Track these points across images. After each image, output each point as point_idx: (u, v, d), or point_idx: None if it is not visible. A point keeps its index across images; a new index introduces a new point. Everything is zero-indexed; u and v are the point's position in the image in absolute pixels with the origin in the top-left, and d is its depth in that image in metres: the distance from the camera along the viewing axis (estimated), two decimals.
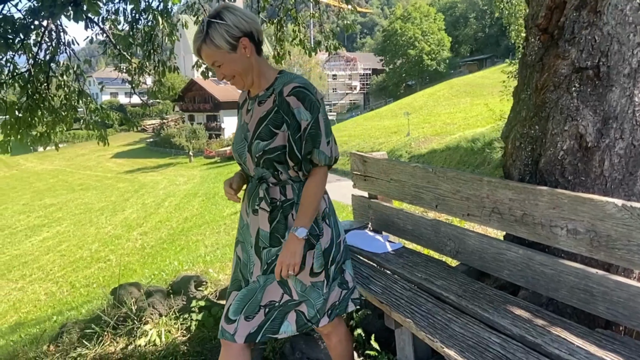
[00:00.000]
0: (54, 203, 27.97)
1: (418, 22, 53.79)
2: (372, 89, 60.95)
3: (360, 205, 2.88)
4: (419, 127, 24.49)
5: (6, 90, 5.28)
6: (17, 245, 19.68)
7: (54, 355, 2.78)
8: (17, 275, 15.78)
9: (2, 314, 12.46)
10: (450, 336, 1.66)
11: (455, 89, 37.53)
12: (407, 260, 2.27)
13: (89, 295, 11.45)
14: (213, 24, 1.61)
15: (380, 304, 1.93)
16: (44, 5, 4.57)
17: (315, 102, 1.64)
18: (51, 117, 5.48)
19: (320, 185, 1.69)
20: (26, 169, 42.28)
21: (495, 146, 15.84)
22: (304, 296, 1.72)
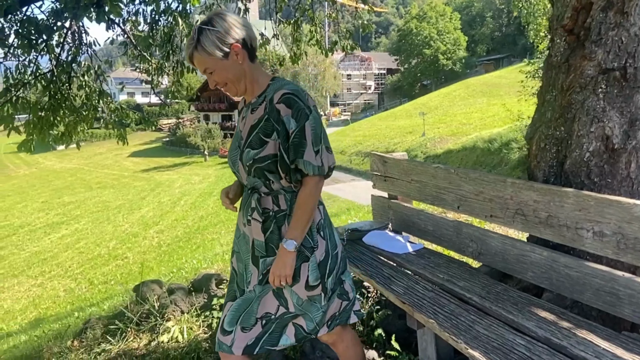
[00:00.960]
0: (72, 201, 28.42)
1: (434, 22, 53.45)
2: (387, 89, 60.74)
3: (380, 206, 2.89)
4: (435, 127, 24.34)
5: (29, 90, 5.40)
6: (37, 242, 20.04)
7: (78, 351, 2.84)
8: (36, 272, 16.08)
9: (22, 309, 12.71)
10: (474, 337, 1.66)
11: (472, 88, 37.20)
12: (429, 261, 2.27)
13: (107, 292, 11.62)
14: (204, 30, 1.59)
15: (402, 304, 1.94)
16: (67, 7, 4.66)
17: (303, 110, 1.60)
18: (72, 116, 5.57)
19: (311, 196, 1.63)
20: (45, 168, 43.00)
21: (512, 147, 15.68)
22: (301, 310, 1.69)
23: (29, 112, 5.25)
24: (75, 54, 5.46)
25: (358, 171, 23.65)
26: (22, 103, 5.08)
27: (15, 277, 15.72)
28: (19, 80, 5.12)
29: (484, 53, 60.01)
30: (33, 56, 5.15)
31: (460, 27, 54.92)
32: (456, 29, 54.26)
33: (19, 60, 5.10)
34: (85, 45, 5.57)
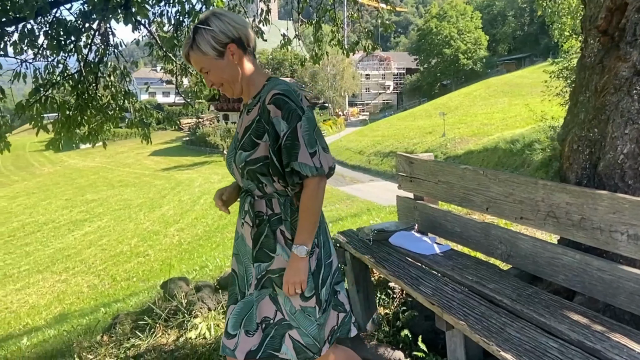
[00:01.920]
0: (95, 199, 28.95)
1: (454, 21, 52.96)
2: (406, 89, 60.41)
3: (406, 207, 2.89)
4: (455, 128, 24.15)
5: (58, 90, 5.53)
6: (61, 239, 20.48)
7: (108, 345, 2.91)
8: (60, 268, 16.43)
9: (47, 305, 13.01)
10: (505, 340, 1.65)
11: (493, 88, 36.78)
12: (457, 262, 2.26)
13: (129, 289, 11.82)
14: (200, 30, 1.57)
15: (431, 305, 1.94)
16: (96, 9, 4.76)
17: (295, 111, 1.54)
18: (99, 116, 5.68)
19: (313, 198, 1.58)
20: (69, 166, 43.90)
21: (535, 148, 15.46)
22: (293, 319, 1.64)
23: (57, 112, 5.38)
24: (103, 55, 5.57)
25: (377, 171, 23.62)
26: (51, 103, 5.20)
27: (40, 273, 16.10)
28: (48, 81, 5.25)
29: (506, 52, 59.26)
30: (62, 57, 5.27)
31: (481, 26, 54.33)
32: (477, 28, 53.69)
33: (48, 60, 5.22)
34: (111, 46, 5.67)
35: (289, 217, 1.63)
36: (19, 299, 13.83)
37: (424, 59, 54.76)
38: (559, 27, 13.14)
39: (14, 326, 11.38)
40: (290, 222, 1.63)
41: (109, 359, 2.75)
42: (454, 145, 21.34)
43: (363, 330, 2.57)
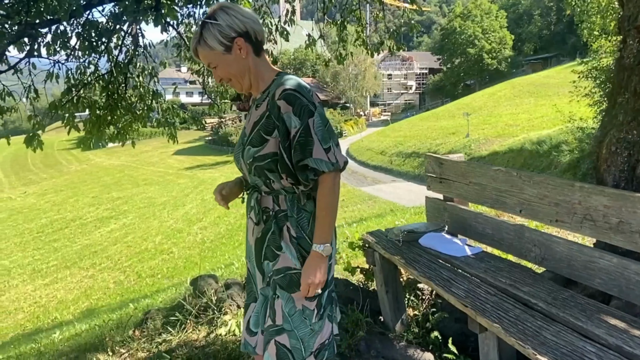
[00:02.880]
0: (120, 196, 29.51)
1: (478, 20, 52.23)
2: (429, 89, 59.86)
3: (435, 208, 2.87)
4: (479, 128, 23.82)
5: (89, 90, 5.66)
6: (87, 236, 20.94)
7: (140, 340, 2.97)
8: (87, 264, 16.80)
9: (74, 300, 13.33)
10: (542, 343, 1.64)
11: (518, 88, 36.16)
12: (489, 264, 2.25)
13: (154, 285, 12.03)
14: (207, 24, 1.55)
15: (464, 307, 1.93)
16: (127, 11, 4.86)
17: (307, 107, 1.51)
18: (128, 115, 5.79)
19: (330, 194, 1.55)
20: (95, 164, 44.84)
21: (563, 149, 15.15)
22: (288, 321, 1.59)
23: (88, 111, 5.51)
24: (132, 56, 5.68)
25: (399, 172, 23.48)
26: (82, 102, 5.33)
27: (68, 269, 16.49)
28: (80, 81, 5.37)
29: (531, 52, 58.16)
30: (93, 58, 5.39)
31: (507, 25, 53.43)
32: (502, 27, 52.84)
33: (79, 61, 5.35)
34: (140, 47, 5.78)
35: (294, 214, 1.60)
36: (47, 294, 14.21)
37: (447, 58, 54.16)
38: (588, 26, 12.85)
39: (42, 320, 11.70)
40: (296, 219, 1.60)
41: (141, 353, 2.81)
42: (478, 146, 21.05)
43: (392, 330, 2.57)
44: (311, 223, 1.60)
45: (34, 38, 4.68)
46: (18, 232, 22.82)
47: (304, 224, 1.60)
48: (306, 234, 1.60)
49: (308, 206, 1.61)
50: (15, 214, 26.97)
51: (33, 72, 5.03)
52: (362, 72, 52.87)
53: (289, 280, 1.59)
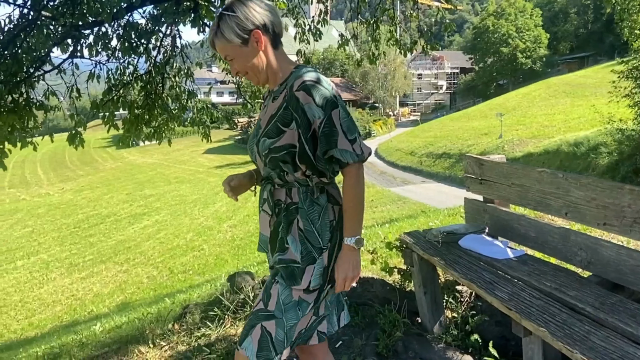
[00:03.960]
0: (152, 194, 30.21)
1: (512, 18, 51.13)
2: (460, 89, 58.97)
3: (474, 209, 2.84)
4: (513, 129, 23.32)
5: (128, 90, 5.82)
6: (122, 231, 21.50)
7: (179, 334, 3.04)
8: (122, 259, 17.26)
9: (110, 293, 13.72)
10: (590, 348, 1.60)
11: (553, 89, 35.22)
12: (533, 268, 2.21)
13: (186, 281, 12.27)
14: (224, 16, 1.53)
15: (508, 310, 1.90)
16: (167, 13, 4.97)
17: (330, 98, 1.49)
18: (164, 115, 5.93)
19: (357, 185, 1.54)
20: (129, 162, 46.01)
21: (601, 151, 14.69)
22: (280, 309, 1.56)
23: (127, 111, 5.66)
24: (170, 57, 5.81)
25: (429, 173, 23.23)
26: (122, 102, 5.48)
27: (103, 263, 16.98)
28: (120, 81, 5.52)
29: (567, 51, 56.59)
30: (132, 58, 5.54)
31: (542, 23, 52.10)
32: (537, 25, 51.57)
33: (119, 62, 5.50)
34: (178, 48, 5.91)
35: (305, 207, 1.57)
36: (84, 287, 14.68)
37: (480, 58, 53.21)
38: (628, 25, 12.40)
39: (79, 312, 12.09)
40: (306, 211, 1.58)
41: (181, 346, 2.88)
42: (512, 147, 20.59)
43: (430, 332, 2.56)
44: (322, 217, 1.58)
45: (77, 39, 4.83)
46: (56, 227, 23.64)
47: (314, 218, 1.58)
48: (315, 228, 1.58)
49: (321, 200, 1.59)
50: (53, 210, 27.95)
51: (76, 73, 5.19)
52: (391, 71, 52.54)
53: (290, 272, 1.58)
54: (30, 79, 4.83)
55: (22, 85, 4.76)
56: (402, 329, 2.54)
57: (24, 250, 19.89)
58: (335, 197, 1.63)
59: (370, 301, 2.87)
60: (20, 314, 13.05)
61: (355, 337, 2.64)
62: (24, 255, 19.14)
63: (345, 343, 2.64)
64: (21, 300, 14.14)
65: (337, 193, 1.65)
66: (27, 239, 21.81)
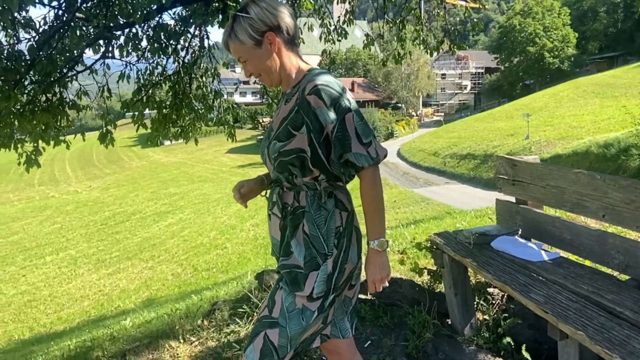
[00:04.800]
0: (177, 192, 30.65)
1: (540, 17, 50.14)
2: (485, 89, 58.11)
3: (506, 211, 2.80)
4: (540, 130, 22.85)
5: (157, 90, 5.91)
6: (147, 229, 21.88)
7: (209, 330, 3.08)
8: (147, 256, 17.56)
9: (136, 289, 13.97)
10: (630, 353, 1.56)
11: (582, 89, 34.41)
12: (569, 271, 2.17)
13: (210, 279, 12.40)
14: (238, 17, 1.51)
15: (544, 313, 1.87)
16: (196, 14, 5.04)
17: (342, 102, 1.47)
18: (191, 114, 6.01)
19: (374, 188, 1.53)
20: (154, 161, 46.80)
21: (632, 153, 14.28)
22: (284, 317, 1.55)
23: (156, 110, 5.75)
24: (198, 57, 5.89)
25: (453, 174, 22.96)
26: (151, 101, 5.58)
27: (129, 260, 17.30)
28: (149, 81, 5.62)
29: (596, 51, 55.21)
30: (161, 59, 5.63)
31: (570, 22, 50.96)
32: (565, 24, 50.47)
33: (148, 62, 5.60)
34: (205, 49, 5.98)
35: (312, 210, 1.55)
36: (110, 283, 14.98)
37: (505, 57, 52.35)
38: None
39: (106, 308, 12.35)
40: (313, 215, 1.55)
41: (211, 342, 2.92)
42: (539, 148, 20.17)
43: (460, 334, 2.53)
44: (328, 222, 1.55)
45: (109, 40, 4.93)
46: (83, 223, 24.20)
47: (320, 222, 1.55)
48: (320, 233, 1.55)
49: (328, 204, 1.57)
50: (81, 207, 28.62)
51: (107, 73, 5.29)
52: (415, 71, 52.16)
53: (294, 278, 1.56)
54: (63, 79, 4.95)
55: (56, 85, 4.89)
56: (432, 330, 2.53)
57: (53, 246, 20.42)
58: (344, 203, 1.60)
59: (399, 302, 2.86)
60: (50, 308, 13.41)
61: (384, 337, 2.64)
62: (53, 250, 19.65)
63: (373, 343, 2.64)
64: (50, 295, 14.52)
65: (347, 199, 1.62)
66: (56, 235, 22.39)
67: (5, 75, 4.10)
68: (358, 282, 1.71)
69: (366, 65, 56.05)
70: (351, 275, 1.62)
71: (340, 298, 1.66)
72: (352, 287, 1.68)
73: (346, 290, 1.65)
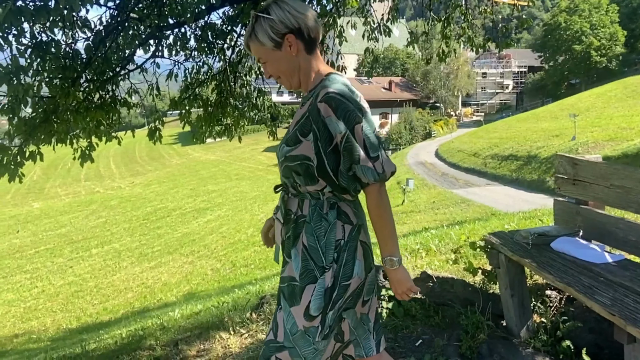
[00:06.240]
0: (215, 189, 31.26)
1: (586, 15, 48.28)
2: (527, 88, 56.42)
3: (565, 211, 2.71)
4: (587, 131, 21.98)
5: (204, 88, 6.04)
6: (187, 225, 22.42)
7: (258, 323, 3.13)
8: (187, 251, 18.00)
9: (177, 283, 14.34)
10: None
11: (631, 89, 32.90)
12: (635, 273, 2.08)
13: (248, 275, 12.59)
14: (259, 18, 1.49)
15: (611, 316, 1.81)
16: (244, 13, 5.12)
17: (353, 112, 1.41)
18: (236, 112, 6.11)
19: (381, 205, 1.47)
20: (193, 158, 47.86)
21: None
22: (289, 340, 1.51)
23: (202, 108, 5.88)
24: (243, 56, 5.98)
25: (494, 175, 22.41)
26: (198, 100, 5.71)
27: (170, 254, 17.78)
28: (195, 80, 5.75)
29: None
30: (207, 58, 5.75)
31: (618, 20, 48.82)
32: (613, 22, 48.37)
33: (195, 61, 5.73)
34: None
35: (312, 222, 1.51)
36: (153, 276, 15.44)
37: (550, 56, 50.63)
38: None
39: (149, 300, 12.74)
40: (313, 227, 1.51)
41: (260, 335, 2.97)
42: (587, 150, 19.40)
43: (516, 336, 2.47)
44: (327, 234, 1.50)
45: (159, 40, 5.08)
46: (127, 218, 25.03)
47: (320, 234, 1.50)
48: (319, 245, 1.50)
49: (330, 216, 1.51)
50: (124, 202, 29.61)
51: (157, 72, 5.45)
52: (454, 70, 51.22)
53: (291, 291, 1.53)
54: (116, 78, 5.12)
55: (109, 84, 5.07)
56: (486, 332, 2.48)
57: (98, 239, 21.22)
58: (348, 215, 1.54)
59: (450, 301, 2.82)
60: (96, 299, 13.95)
61: (436, 336, 2.61)
62: (98, 244, 20.43)
63: (425, 342, 2.62)
64: (96, 286, 15.11)
65: (352, 211, 1.56)
66: (101, 229, 23.26)
67: (64, 73, 4.27)
68: (373, 298, 1.64)
69: (404, 65, 55.46)
70: (359, 291, 1.56)
71: (357, 316, 1.59)
72: (366, 303, 1.61)
73: (360, 307, 1.59)
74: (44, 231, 23.75)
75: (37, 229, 24.31)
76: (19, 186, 30.57)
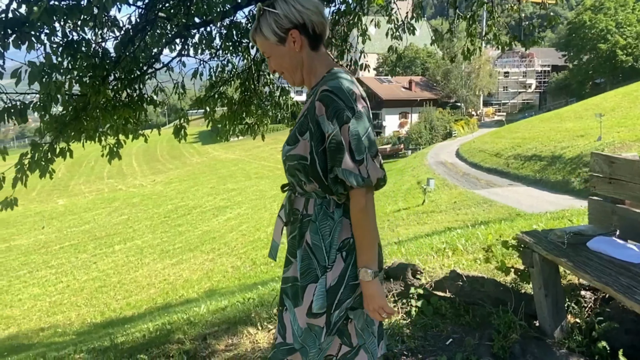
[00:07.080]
0: (234, 188, 31.50)
1: (612, 13, 47.22)
2: (551, 88, 55.41)
3: (600, 210, 2.66)
4: (613, 131, 21.46)
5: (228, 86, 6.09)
6: (207, 223, 22.64)
7: None
8: (208, 248, 18.17)
9: (198, 280, 14.49)
10: None
11: None
12: None
13: (268, 273, 12.65)
14: (265, 12, 1.47)
15: None
16: None
17: (343, 111, 1.36)
18: (259, 111, 6.14)
19: (362, 211, 1.40)
20: (213, 157, 48.32)
21: None
22: (300, 343, 1.49)
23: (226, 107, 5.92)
24: None
25: (517, 176, 22.07)
26: (222, 98, 5.76)
27: (191, 252, 17.98)
28: (220, 78, 5.80)
29: None
30: (232, 56, 5.80)
31: None
32: None
33: (220, 60, 5.77)
34: None
35: (318, 221, 1.47)
36: (174, 273, 15.64)
37: (574, 55, 49.65)
38: None
39: (171, 296, 12.91)
40: (318, 225, 1.47)
41: None
42: (613, 151, 18.93)
43: (550, 336, 2.44)
44: (332, 233, 1.47)
45: (185, 39, 5.14)
46: (148, 215, 25.40)
47: (325, 233, 1.47)
48: (324, 244, 1.46)
49: (336, 214, 1.48)
50: (146, 200, 30.06)
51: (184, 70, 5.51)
52: (475, 69, 50.62)
53: (295, 291, 1.52)
54: (144, 76, 5.20)
55: (136, 82, 5.15)
56: (519, 332, 2.45)
57: (121, 236, 21.59)
58: None
59: (480, 301, 2.79)
60: (119, 294, 14.19)
61: (466, 335, 2.58)
62: (120, 240, 20.78)
63: (455, 341, 2.60)
64: (119, 282, 15.37)
65: None
66: (124, 225, 23.65)
67: (94, 71, 4.35)
68: None
69: (424, 64, 55.02)
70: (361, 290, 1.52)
71: (363, 317, 1.55)
72: None
73: None
74: (69, 227, 24.27)
75: (61, 225, 24.85)
76: (44, 183, 31.36)
